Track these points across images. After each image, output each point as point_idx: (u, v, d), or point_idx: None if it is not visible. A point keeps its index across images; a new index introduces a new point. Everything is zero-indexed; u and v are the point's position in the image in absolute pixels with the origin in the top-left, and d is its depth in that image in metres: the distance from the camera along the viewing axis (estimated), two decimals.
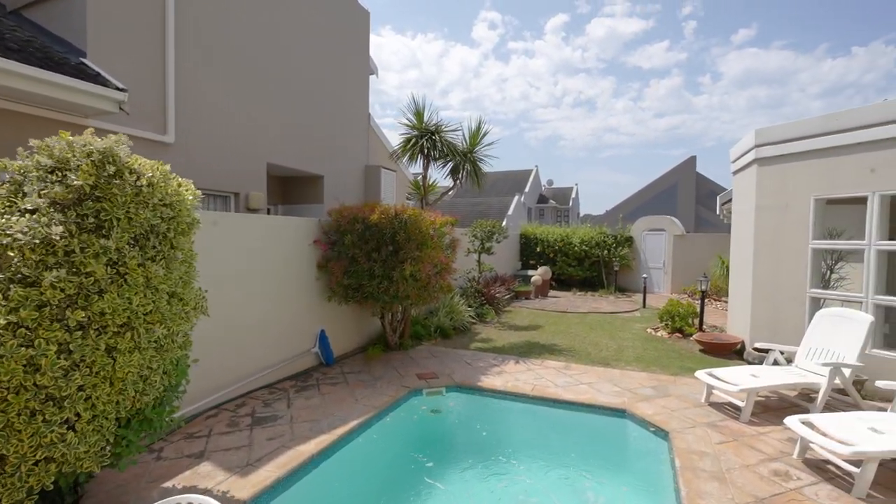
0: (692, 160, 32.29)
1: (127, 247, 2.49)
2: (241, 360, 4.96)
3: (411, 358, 6.49)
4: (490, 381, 5.46)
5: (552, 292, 15.26)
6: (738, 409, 4.46)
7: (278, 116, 7.85)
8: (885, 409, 4.42)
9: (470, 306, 9.53)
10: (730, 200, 13.76)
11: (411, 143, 7.24)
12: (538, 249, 16.60)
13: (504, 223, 25.54)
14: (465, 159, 7.57)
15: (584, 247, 15.67)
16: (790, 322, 5.99)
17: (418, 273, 5.79)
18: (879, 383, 3.89)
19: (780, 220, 6.15)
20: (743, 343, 6.77)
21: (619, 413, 4.63)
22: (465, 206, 31.49)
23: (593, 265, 15.82)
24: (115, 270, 2.44)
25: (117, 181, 2.47)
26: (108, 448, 2.57)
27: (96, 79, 4.66)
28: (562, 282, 16.52)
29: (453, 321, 8.44)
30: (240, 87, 7.13)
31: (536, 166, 46.28)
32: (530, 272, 14.86)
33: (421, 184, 7.70)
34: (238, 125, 7.13)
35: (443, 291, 6.72)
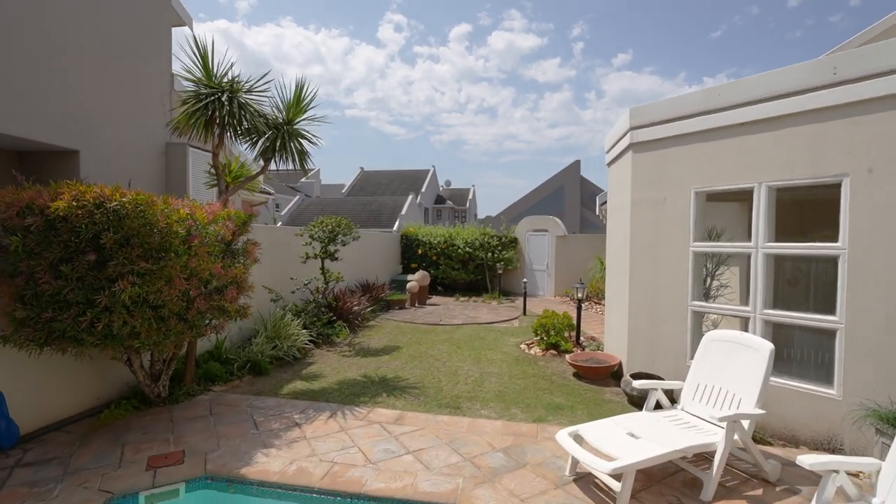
0: (577, 164, 33.46)
1: None
2: None
3: (171, 421, 4.28)
4: (266, 462, 3.51)
5: (435, 298, 13.77)
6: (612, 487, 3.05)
7: None
8: (794, 452, 3.33)
9: (313, 324, 7.49)
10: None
11: (197, 106, 4.97)
12: (420, 252, 15.03)
13: (396, 224, 23.73)
14: (278, 133, 5.51)
15: (467, 249, 14.42)
16: (671, 340, 4.93)
17: (157, 297, 3.63)
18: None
19: (657, 218, 5.08)
20: (621, 365, 5.67)
21: None
22: (354, 206, 29.15)
23: (478, 268, 14.66)
24: None
25: None
26: None
27: None
28: (446, 286, 15.16)
29: (278, 349, 6.34)
30: None
31: (434, 166, 45.44)
32: (410, 277, 13.20)
33: (213, 165, 5.45)
34: None
35: (229, 316, 4.63)
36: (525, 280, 11.24)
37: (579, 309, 7.42)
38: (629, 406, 4.82)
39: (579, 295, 7.41)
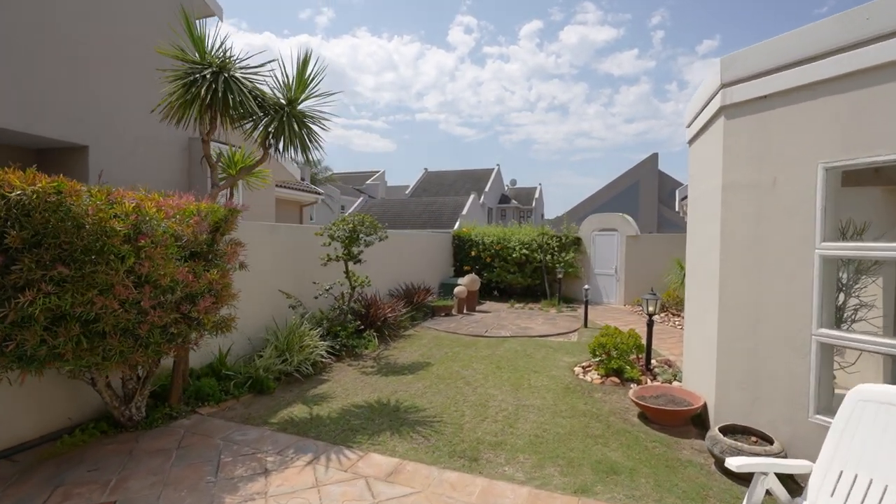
0: (654, 157, 30.44)
1: None
2: None
3: (130, 454, 3.61)
4: None
5: (488, 303, 12.67)
6: None
7: None
8: None
9: (336, 334, 6.73)
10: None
11: (179, 84, 4.36)
12: (473, 253, 13.96)
13: (456, 224, 22.86)
14: (276, 116, 4.74)
15: (523, 250, 13.10)
16: (783, 382, 3.44)
17: (87, 309, 2.94)
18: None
19: (763, 207, 3.60)
20: (705, 407, 4.20)
21: None
22: (416, 207, 28.82)
23: (536, 271, 13.29)
24: None
25: None
26: None
27: None
28: (502, 290, 13.96)
29: (288, 364, 5.61)
30: None
31: (498, 165, 44.33)
32: (460, 281, 12.20)
33: (204, 154, 4.82)
34: None
35: (205, 330, 3.91)
36: (587, 287, 9.73)
37: (650, 326, 5.93)
38: (718, 475, 3.41)
39: (650, 308, 5.92)
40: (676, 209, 12.42)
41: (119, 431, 4.01)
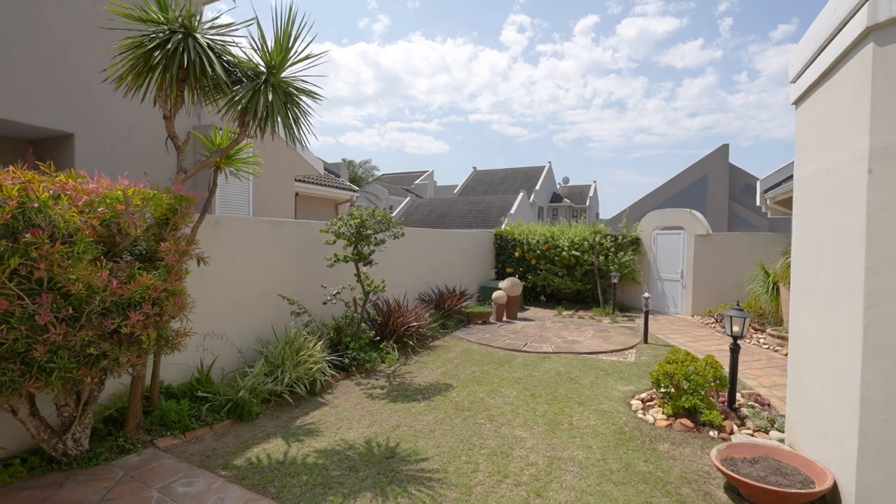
0: (724, 149, 27.35)
1: None
2: None
3: None
4: None
5: (533, 310, 11.43)
6: None
7: None
8: None
9: (346, 347, 5.84)
10: (775, 186, 9.55)
11: (138, 51, 3.59)
12: (516, 254, 12.72)
13: (504, 224, 21.63)
14: (253, 85, 3.86)
15: (573, 251, 11.67)
16: None
17: None
18: None
19: None
20: (835, 488, 2.81)
21: None
22: (462, 206, 27.92)
23: (587, 275, 11.82)
24: None
25: None
26: None
27: None
28: (549, 295, 12.64)
29: (279, 382, 4.75)
30: None
31: (549, 162, 42.53)
32: (501, 284, 11.03)
33: (169, 134, 4.03)
34: None
35: (143, 349, 3.09)
36: (647, 295, 8.17)
37: (735, 352, 4.50)
38: None
39: (734, 328, 4.49)
40: (757, 203, 10.47)
41: (51, 469, 3.28)
